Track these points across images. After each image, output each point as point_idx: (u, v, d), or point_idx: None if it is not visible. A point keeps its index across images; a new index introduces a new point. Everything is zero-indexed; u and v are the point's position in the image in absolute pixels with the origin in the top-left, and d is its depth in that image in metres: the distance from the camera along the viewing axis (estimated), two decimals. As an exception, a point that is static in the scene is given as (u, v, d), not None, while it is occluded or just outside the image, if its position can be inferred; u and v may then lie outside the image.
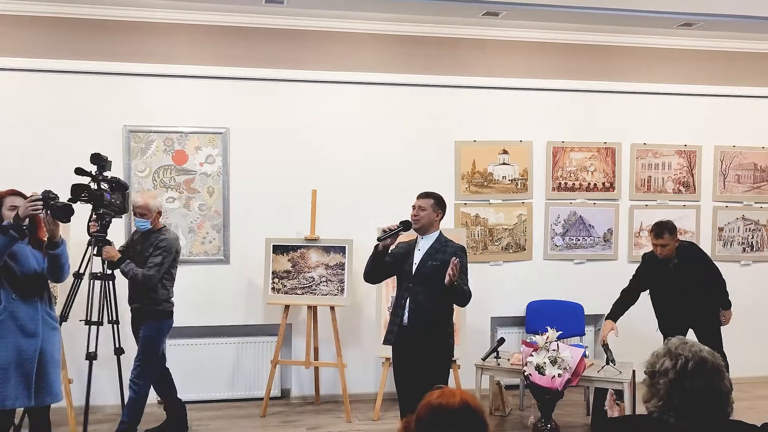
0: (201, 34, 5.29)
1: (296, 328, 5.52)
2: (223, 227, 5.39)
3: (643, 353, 5.06)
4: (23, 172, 5.00)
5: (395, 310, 3.92)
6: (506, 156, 5.78)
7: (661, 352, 1.93)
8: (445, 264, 3.80)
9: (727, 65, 6.03)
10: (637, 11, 4.80)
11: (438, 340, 3.80)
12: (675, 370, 1.86)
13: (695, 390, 1.85)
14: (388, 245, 3.87)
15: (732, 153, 6.13)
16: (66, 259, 3.64)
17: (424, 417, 1.83)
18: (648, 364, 1.96)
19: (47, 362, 3.53)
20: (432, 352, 3.77)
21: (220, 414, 5.19)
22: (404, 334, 3.83)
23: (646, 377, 1.96)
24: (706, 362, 1.88)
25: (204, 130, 5.34)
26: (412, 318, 3.80)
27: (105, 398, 5.23)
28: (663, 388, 1.87)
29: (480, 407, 1.84)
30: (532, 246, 5.86)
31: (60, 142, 5.14)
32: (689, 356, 1.88)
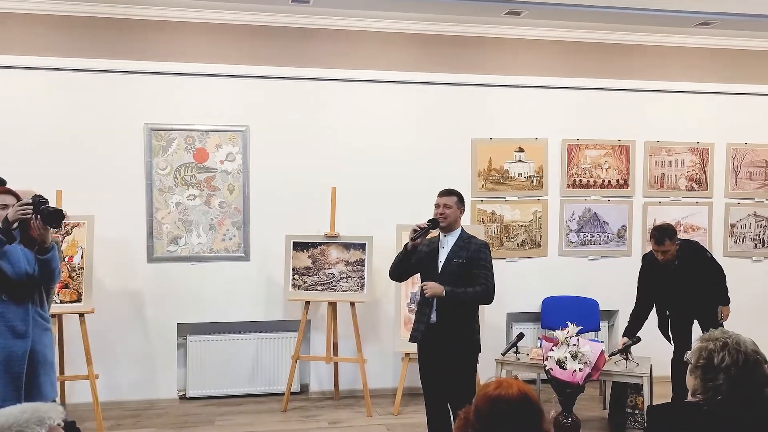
0: (223, 32, 5.33)
1: (315, 324, 5.58)
2: (243, 224, 5.44)
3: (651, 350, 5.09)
4: (45, 172, 5.04)
5: (422, 308, 3.95)
6: (522, 153, 5.84)
7: (715, 347, 1.98)
8: (470, 261, 3.85)
9: (739, 63, 6.09)
10: (658, 10, 4.86)
11: (466, 337, 3.85)
12: (737, 366, 1.91)
13: (758, 381, 1.91)
14: (417, 244, 3.91)
15: (744, 150, 6.20)
16: (57, 264, 3.48)
17: (483, 408, 1.88)
18: (699, 357, 2.01)
19: (38, 363, 3.43)
20: (461, 348, 3.82)
21: (242, 409, 5.24)
22: (432, 332, 3.87)
23: (698, 370, 2.00)
24: (758, 354, 1.94)
25: (224, 128, 5.39)
26: (440, 316, 3.85)
27: (127, 394, 5.28)
28: (725, 383, 1.91)
29: (537, 397, 1.90)
30: (547, 242, 5.92)
31: (82, 140, 5.18)
32: (746, 350, 1.93)
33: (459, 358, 3.82)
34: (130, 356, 5.29)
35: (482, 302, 3.89)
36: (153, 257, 5.31)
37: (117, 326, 5.25)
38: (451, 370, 3.82)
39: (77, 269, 4.86)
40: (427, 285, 3.78)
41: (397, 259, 4.00)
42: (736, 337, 2.00)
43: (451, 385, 3.85)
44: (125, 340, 5.28)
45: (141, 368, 5.32)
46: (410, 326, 5.20)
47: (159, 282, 5.32)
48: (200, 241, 5.37)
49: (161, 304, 5.33)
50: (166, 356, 5.37)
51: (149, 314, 5.32)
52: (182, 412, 5.17)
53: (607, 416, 5.11)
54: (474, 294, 3.79)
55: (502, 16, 5.30)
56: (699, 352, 2.02)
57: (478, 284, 3.80)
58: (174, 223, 5.33)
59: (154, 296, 5.32)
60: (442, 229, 3.99)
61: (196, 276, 5.38)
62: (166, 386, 5.37)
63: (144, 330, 5.32)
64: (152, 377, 5.34)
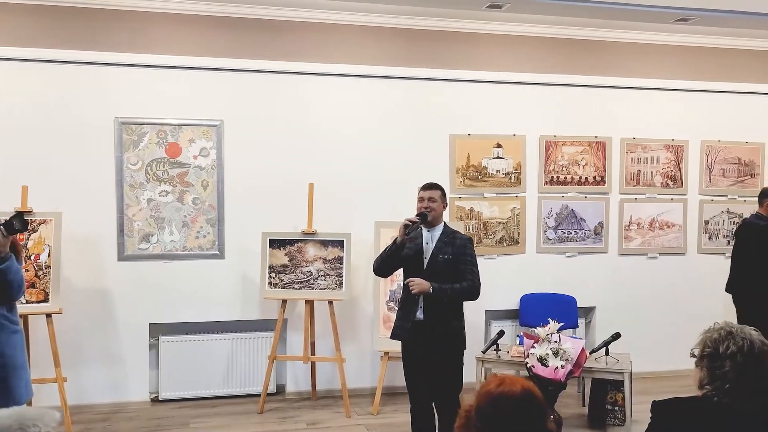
0: (196, 24, 5.19)
1: (291, 323, 5.47)
2: (217, 221, 5.30)
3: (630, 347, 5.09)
4: (10, 167, 4.86)
5: (406, 305, 3.87)
6: (500, 150, 5.81)
7: (720, 336, 1.95)
8: (456, 257, 3.79)
9: (714, 62, 6.15)
10: (638, 5, 4.86)
11: (454, 333, 3.80)
12: (743, 352, 1.89)
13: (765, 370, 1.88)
14: (405, 239, 3.83)
15: (717, 147, 6.26)
16: (14, 274, 3.22)
17: (485, 406, 1.82)
18: (704, 347, 1.98)
19: (9, 367, 3.29)
20: (449, 345, 3.77)
21: (217, 411, 5.11)
22: (419, 330, 3.80)
23: (704, 360, 1.97)
24: (765, 344, 1.92)
25: (198, 123, 5.25)
26: (427, 313, 3.78)
27: (96, 397, 5.11)
28: (731, 371, 1.89)
29: (540, 394, 1.84)
30: (525, 239, 5.90)
31: (49, 134, 5.00)
32: (752, 339, 1.91)
33: (447, 355, 3.77)
34: (99, 358, 5.12)
35: (468, 298, 3.83)
36: (124, 255, 5.14)
37: (86, 327, 5.07)
38: (439, 367, 3.77)
39: (44, 268, 4.69)
40: (413, 282, 3.71)
41: (385, 255, 3.91)
42: (740, 326, 1.98)
43: (438, 383, 3.79)
44: (95, 342, 5.11)
45: (111, 370, 5.15)
46: (389, 324, 5.14)
47: (130, 281, 5.16)
48: (173, 238, 5.22)
49: (132, 304, 5.16)
50: (138, 357, 5.21)
51: (120, 314, 5.16)
52: (154, 415, 5.02)
53: (587, 413, 5.10)
54: (461, 290, 3.73)
55: (483, 10, 5.26)
56: (704, 342, 2.00)
57: (464, 280, 3.74)
58: (145, 220, 5.17)
59: (124, 296, 5.15)
60: (426, 224, 3.91)
61: (168, 275, 5.23)
62: (137, 388, 5.21)
63: (114, 331, 5.15)
64: (123, 379, 5.17)
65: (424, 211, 3.84)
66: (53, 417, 1.48)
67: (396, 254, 3.84)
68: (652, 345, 5.96)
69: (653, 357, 5.92)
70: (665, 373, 5.98)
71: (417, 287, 3.69)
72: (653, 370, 5.95)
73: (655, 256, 6.17)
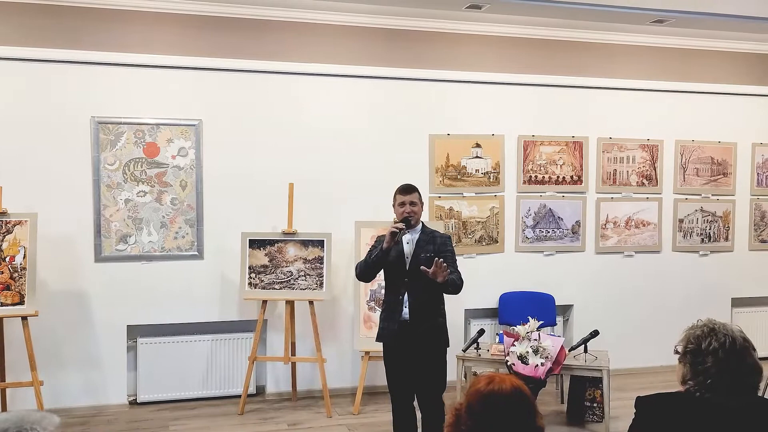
0: (174, 22, 5.14)
1: (271, 324, 5.44)
2: (196, 222, 5.26)
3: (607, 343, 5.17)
4: (-16, 165, 4.76)
5: (391, 306, 3.86)
6: (479, 149, 5.84)
7: (702, 333, 1.99)
8: (438, 254, 3.79)
9: (688, 63, 6.26)
10: (615, 7, 4.93)
11: (438, 331, 3.82)
12: (725, 348, 1.93)
13: (746, 367, 1.92)
14: (391, 245, 3.82)
15: (691, 147, 6.37)
16: None
17: (475, 405, 1.83)
18: (687, 344, 2.01)
19: None
20: (433, 343, 3.78)
21: (196, 413, 5.07)
22: (405, 329, 3.80)
23: (687, 356, 2.01)
24: (746, 341, 1.95)
25: (176, 122, 5.20)
26: (413, 312, 3.78)
27: (73, 401, 5.03)
28: (713, 366, 1.92)
29: (529, 391, 1.85)
30: (504, 238, 5.94)
31: (24, 134, 4.91)
32: (734, 335, 1.95)
33: (433, 354, 3.79)
34: (76, 361, 5.05)
35: (456, 290, 3.83)
36: (101, 257, 5.08)
37: (62, 329, 5.00)
38: (425, 366, 3.78)
39: (19, 270, 4.61)
40: (439, 266, 3.63)
41: (371, 262, 3.88)
42: (723, 323, 2.01)
43: (423, 381, 3.80)
44: (71, 344, 5.04)
45: (88, 373, 5.07)
46: (370, 324, 5.17)
47: (107, 282, 5.09)
48: (151, 239, 5.17)
49: (110, 306, 5.10)
50: (115, 360, 5.14)
51: (97, 316, 5.09)
52: (133, 418, 4.97)
53: (566, 410, 5.15)
54: (456, 280, 3.78)
55: (463, 10, 5.28)
56: (687, 338, 2.03)
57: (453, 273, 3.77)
58: (123, 220, 5.11)
59: (102, 297, 5.08)
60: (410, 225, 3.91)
61: (146, 276, 5.17)
62: (115, 391, 5.15)
63: (91, 333, 5.08)
64: (101, 382, 5.10)
65: (407, 216, 3.84)
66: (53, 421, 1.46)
67: (383, 260, 3.83)
68: (629, 342, 6.05)
69: (630, 354, 6.00)
70: (642, 370, 6.08)
71: (441, 273, 3.62)
72: (630, 367, 6.04)
73: (631, 255, 6.25)
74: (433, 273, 3.62)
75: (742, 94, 6.41)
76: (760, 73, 6.47)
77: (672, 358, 2.14)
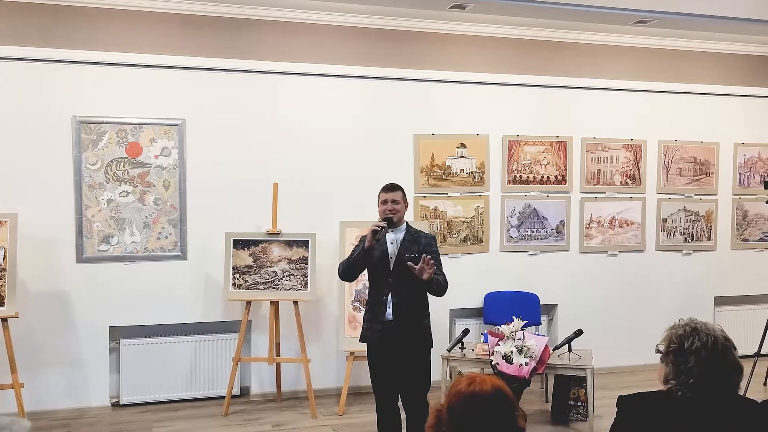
0: (157, 21, 5.09)
1: (256, 324, 5.42)
2: (179, 222, 5.22)
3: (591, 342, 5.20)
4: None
5: (375, 306, 3.85)
6: (464, 149, 5.84)
7: (685, 332, 2.00)
8: (422, 254, 3.79)
9: (671, 63, 6.29)
10: (599, 7, 4.95)
11: (421, 332, 3.81)
12: (707, 348, 1.94)
13: (728, 366, 1.93)
14: (373, 244, 3.81)
15: (674, 147, 6.41)
16: None
17: (456, 405, 1.83)
18: (670, 343, 2.02)
19: None
20: (417, 344, 3.78)
21: (180, 414, 5.03)
22: (389, 330, 3.79)
23: (669, 356, 2.01)
24: (728, 340, 1.96)
25: (159, 122, 5.16)
26: (396, 313, 3.77)
27: (55, 403, 4.98)
28: (696, 366, 1.93)
29: (510, 392, 1.85)
30: (488, 238, 5.95)
31: (4, 133, 4.85)
32: (716, 335, 1.96)
33: (417, 354, 3.78)
34: (58, 362, 5.00)
35: (441, 291, 3.83)
36: (83, 257, 5.03)
37: (44, 331, 4.95)
38: (409, 366, 3.77)
39: (0, 271, 4.55)
40: (427, 262, 3.63)
41: (353, 261, 3.88)
42: (704, 322, 2.02)
43: (407, 382, 3.79)
44: (53, 346, 4.98)
45: (70, 375, 5.02)
46: (355, 324, 5.15)
47: (89, 283, 5.04)
48: (134, 239, 5.13)
49: (92, 307, 5.05)
50: (98, 361, 5.09)
51: (79, 318, 5.04)
52: (116, 420, 4.93)
53: (550, 409, 5.17)
54: (442, 281, 3.78)
55: (447, 10, 5.27)
56: (669, 338, 2.03)
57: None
58: (105, 221, 5.06)
59: (84, 299, 5.04)
60: (394, 225, 3.91)
61: (129, 277, 5.13)
62: (97, 393, 5.10)
63: (73, 334, 5.03)
64: (83, 384, 5.05)
65: (389, 215, 3.84)
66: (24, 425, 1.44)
67: (366, 259, 3.83)
68: (613, 341, 6.08)
69: (614, 353, 6.04)
70: (626, 368, 6.11)
71: (426, 271, 3.62)
72: (614, 366, 6.07)
73: (615, 254, 6.28)
74: (419, 269, 3.62)
75: (724, 94, 6.46)
76: (742, 73, 6.53)
77: (655, 357, 2.15)
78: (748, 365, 4.92)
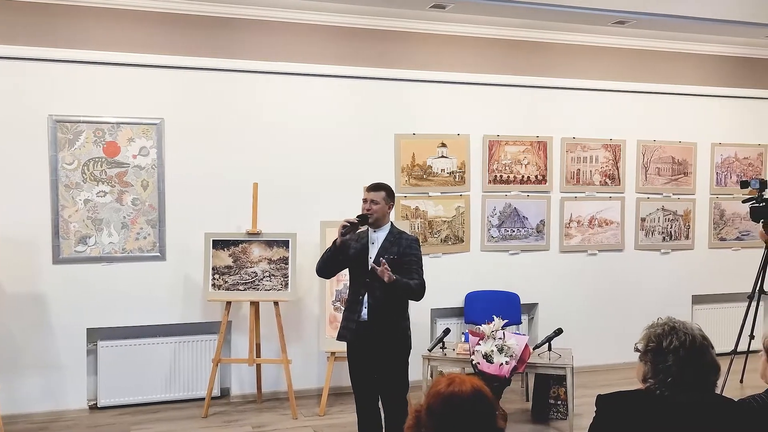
0: (135, 19, 5.04)
1: (236, 325, 5.38)
2: (158, 222, 5.17)
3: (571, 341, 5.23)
4: (-63, 165, 4.62)
5: (351, 305, 3.86)
6: (445, 149, 5.85)
7: (663, 331, 2.01)
8: (402, 257, 3.79)
9: (649, 64, 6.35)
10: (577, 8, 4.98)
11: (398, 334, 3.79)
12: (685, 347, 1.95)
13: (705, 365, 1.95)
14: (346, 240, 3.82)
15: (653, 147, 6.46)
16: None
17: (435, 406, 1.82)
18: (648, 342, 2.03)
19: None
20: (393, 345, 3.76)
21: (159, 416, 4.99)
22: (363, 330, 3.78)
23: (648, 355, 2.02)
24: (705, 339, 1.98)
25: (137, 121, 5.10)
26: (371, 313, 3.76)
27: (31, 406, 4.91)
28: (674, 365, 1.94)
29: (490, 392, 1.85)
30: (469, 238, 5.96)
31: (-22, 132, 4.78)
32: (694, 334, 1.97)
33: (392, 355, 3.76)
34: (34, 365, 4.93)
35: (415, 296, 3.82)
36: (59, 258, 4.96)
37: (20, 333, 4.87)
38: (385, 367, 3.76)
39: (-26, 272, 4.48)
40: (383, 269, 3.64)
41: (326, 256, 3.90)
42: (682, 321, 2.04)
43: (383, 383, 3.78)
44: (29, 348, 4.91)
45: (47, 377, 4.96)
46: (336, 324, 5.12)
47: (66, 285, 4.98)
48: (112, 240, 5.07)
49: (69, 309, 4.98)
50: (75, 364, 5.03)
51: (55, 319, 4.97)
52: (93, 423, 4.87)
53: (531, 408, 5.19)
54: (415, 285, 3.74)
55: (427, 10, 5.27)
56: (648, 337, 2.05)
57: (413, 278, 3.74)
58: (82, 221, 5.00)
59: (60, 300, 4.97)
60: (371, 224, 3.91)
61: (107, 278, 5.07)
62: (75, 396, 5.03)
63: (50, 336, 4.96)
64: (60, 387, 4.99)
65: (365, 213, 3.83)
66: None
67: (336, 256, 3.82)
68: (593, 339, 6.12)
69: (594, 351, 6.08)
70: (605, 367, 6.15)
71: (387, 272, 3.61)
72: (594, 364, 6.11)
73: (595, 253, 6.32)
74: (380, 272, 3.62)
75: (702, 95, 6.53)
76: (719, 74, 6.60)
77: (634, 355, 2.16)
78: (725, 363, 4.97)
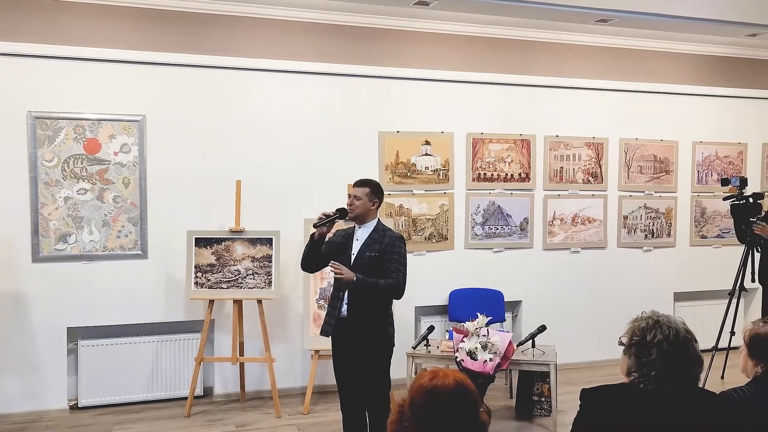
0: (117, 15, 4.98)
1: (218, 324, 5.34)
2: (140, 220, 5.12)
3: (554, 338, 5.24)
4: None
5: (333, 301, 3.85)
6: (428, 147, 5.85)
7: (647, 325, 2.01)
8: (383, 254, 3.77)
9: (631, 63, 6.39)
10: (560, 5, 4.99)
11: (378, 331, 3.76)
12: (669, 341, 1.96)
13: (689, 359, 1.95)
14: (324, 233, 3.81)
15: (635, 145, 6.50)
16: None
17: (418, 400, 1.81)
18: (633, 336, 2.04)
19: None
20: (373, 342, 3.74)
21: (141, 416, 4.94)
22: (343, 326, 3.77)
23: (632, 348, 2.03)
24: (689, 333, 1.99)
25: (118, 118, 5.05)
26: (351, 310, 3.75)
27: (11, 406, 4.85)
28: (658, 358, 1.95)
29: (473, 386, 1.84)
30: (453, 235, 5.96)
31: (-45, 128, 4.71)
32: (677, 328, 1.98)
33: (372, 353, 3.74)
34: (14, 365, 4.86)
35: (392, 296, 3.81)
36: (39, 257, 4.90)
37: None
38: (365, 364, 3.74)
39: (-49, 271, 4.41)
40: (340, 269, 3.66)
41: (306, 249, 3.88)
42: (666, 315, 2.04)
43: (364, 381, 3.77)
44: (8, 348, 4.85)
45: (27, 377, 4.89)
46: (320, 322, 5.09)
47: (46, 283, 4.92)
48: (92, 238, 5.01)
49: (49, 308, 4.92)
50: (55, 363, 4.97)
51: (35, 318, 4.91)
52: (74, 423, 4.81)
53: (515, 405, 5.20)
54: (385, 286, 3.70)
55: (410, 7, 5.27)
56: (632, 331, 2.05)
57: (389, 277, 3.72)
58: (63, 219, 4.94)
59: (40, 299, 4.91)
60: (355, 220, 3.89)
61: (88, 276, 5.01)
62: (55, 396, 4.97)
63: (30, 336, 4.90)
64: (40, 387, 4.93)
65: (344, 208, 3.82)
66: None
67: (315, 249, 3.82)
68: (576, 336, 6.15)
69: (577, 348, 6.11)
70: (589, 364, 6.18)
71: (345, 274, 3.64)
72: (578, 361, 6.14)
73: (578, 251, 6.35)
74: (335, 273, 3.67)
75: (683, 93, 6.58)
76: (701, 73, 6.66)
77: (617, 352, 2.17)
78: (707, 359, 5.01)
